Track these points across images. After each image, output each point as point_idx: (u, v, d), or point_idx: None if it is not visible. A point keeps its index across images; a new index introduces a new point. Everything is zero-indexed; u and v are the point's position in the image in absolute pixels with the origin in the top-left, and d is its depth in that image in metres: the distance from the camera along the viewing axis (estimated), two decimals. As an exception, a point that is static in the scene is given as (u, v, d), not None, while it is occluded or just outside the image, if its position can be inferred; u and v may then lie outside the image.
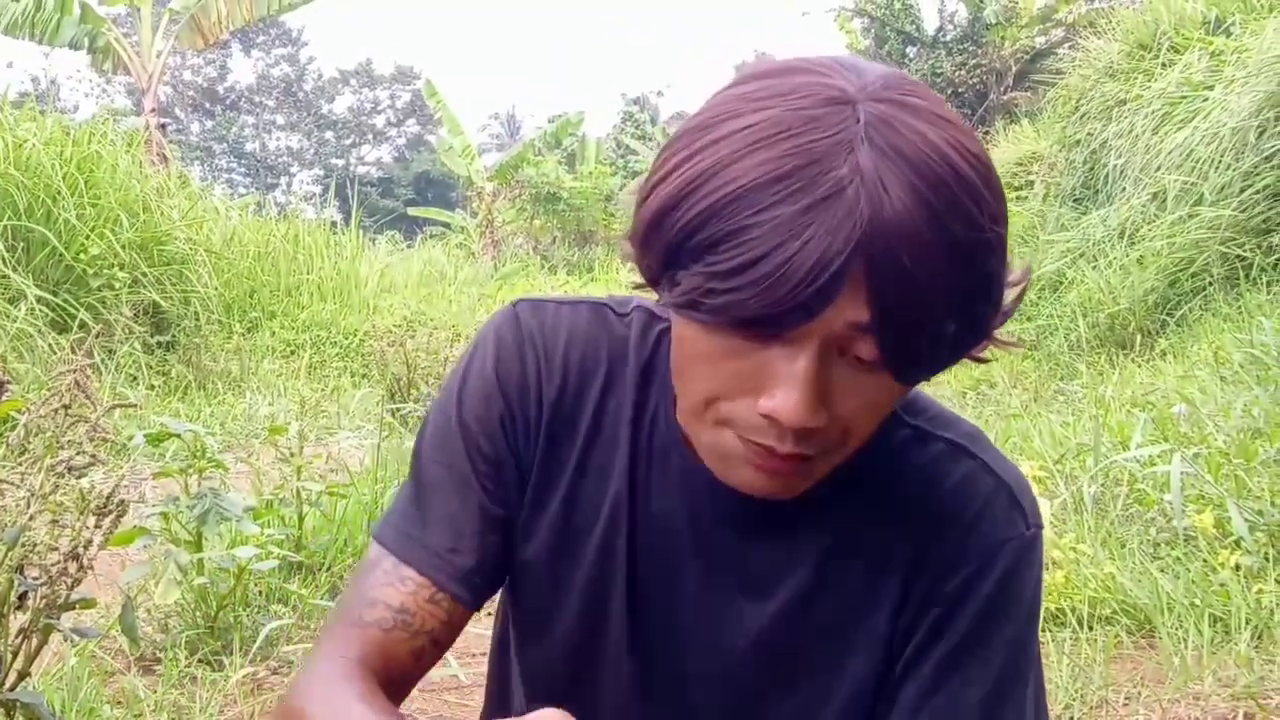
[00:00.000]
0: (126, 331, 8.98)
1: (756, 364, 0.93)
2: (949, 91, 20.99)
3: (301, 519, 4.35)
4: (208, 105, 56.26)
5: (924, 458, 1.12)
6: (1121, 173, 10.98)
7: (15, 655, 2.23)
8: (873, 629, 1.11)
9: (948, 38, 22.04)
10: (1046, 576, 3.84)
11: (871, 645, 1.11)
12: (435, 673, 3.56)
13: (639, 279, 1.02)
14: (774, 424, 0.93)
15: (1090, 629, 3.60)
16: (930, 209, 0.87)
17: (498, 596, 1.24)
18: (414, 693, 3.69)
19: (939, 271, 0.88)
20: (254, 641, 3.50)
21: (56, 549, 2.19)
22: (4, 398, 2.32)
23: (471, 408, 1.13)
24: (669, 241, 0.92)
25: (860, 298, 0.87)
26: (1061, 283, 10.88)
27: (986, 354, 1.03)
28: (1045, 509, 4.05)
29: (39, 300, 8.28)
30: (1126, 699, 3.23)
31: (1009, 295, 0.99)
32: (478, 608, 1.13)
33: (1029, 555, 1.10)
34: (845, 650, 1.11)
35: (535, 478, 1.14)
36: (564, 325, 1.15)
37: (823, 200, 0.86)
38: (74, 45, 15.91)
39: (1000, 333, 1.00)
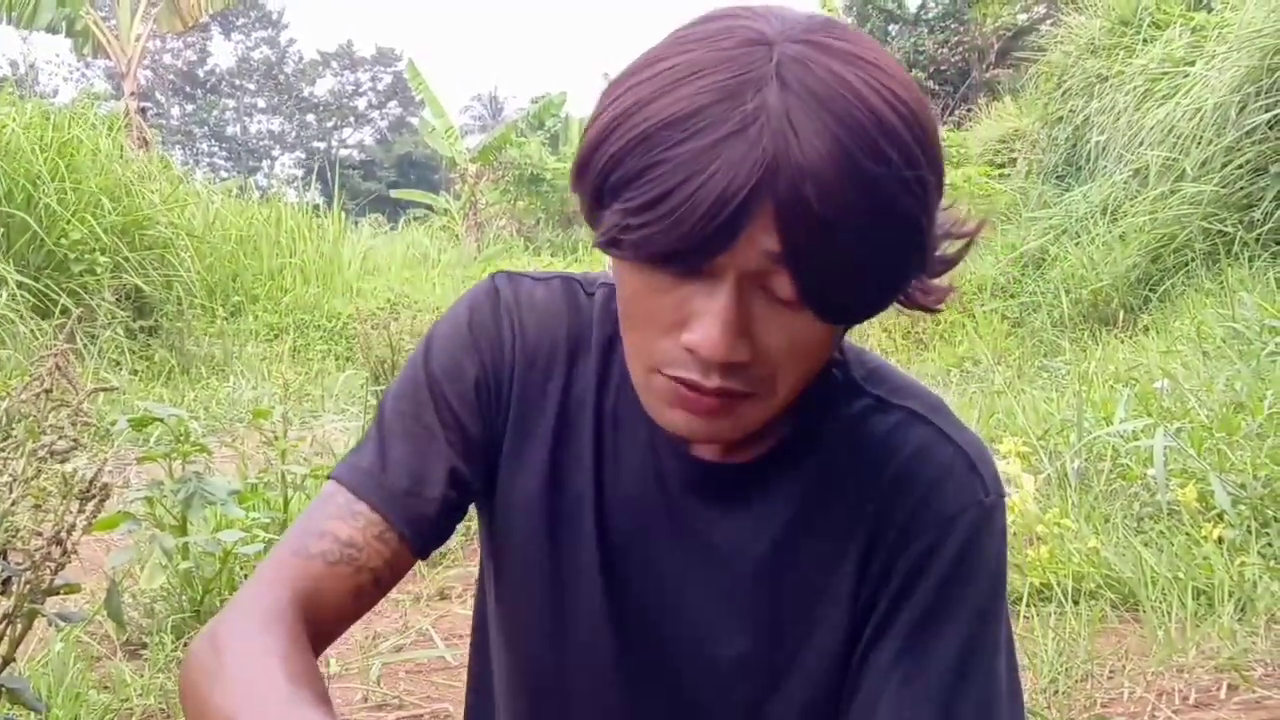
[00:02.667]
0: (109, 316, 8.95)
1: (679, 300, 0.94)
2: (931, 69, 20.98)
3: (286, 502, 4.35)
4: (188, 89, 55.93)
5: (883, 426, 1.11)
6: (1104, 149, 11.00)
7: (0, 640, 2.23)
8: (836, 600, 1.10)
9: (930, 15, 22.02)
10: (1030, 552, 3.86)
11: (836, 616, 1.11)
12: (422, 654, 3.58)
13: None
14: (697, 358, 0.95)
15: (1075, 603, 3.62)
16: (839, 146, 0.87)
17: (477, 576, 1.24)
18: (400, 674, 3.67)
19: (848, 208, 0.88)
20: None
21: (40, 534, 2.18)
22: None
23: (443, 364, 1.14)
24: (593, 181, 0.95)
25: (770, 232, 0.88)
26: (1044, 259, 10.90)
27: (936, 303, 1.03)
28: (1029, 484, 4.07)
29: (20, 286, 8.24)
30: (1111, 672, 3.25)
31: (953, 245, 1.01)
32: (423, 555, 1.12)
33: (989, 523, 1.09)
34: (810, 621, 1.11)
35: (508, 448, 1.15)
36: (539, 299, 1.17)
37: (728, 136, 0.87)
38: (52, 29, 15.80)
39: (942, 281, 1.01)
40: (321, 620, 1.02)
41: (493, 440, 1.15)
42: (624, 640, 1.15)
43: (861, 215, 0.89)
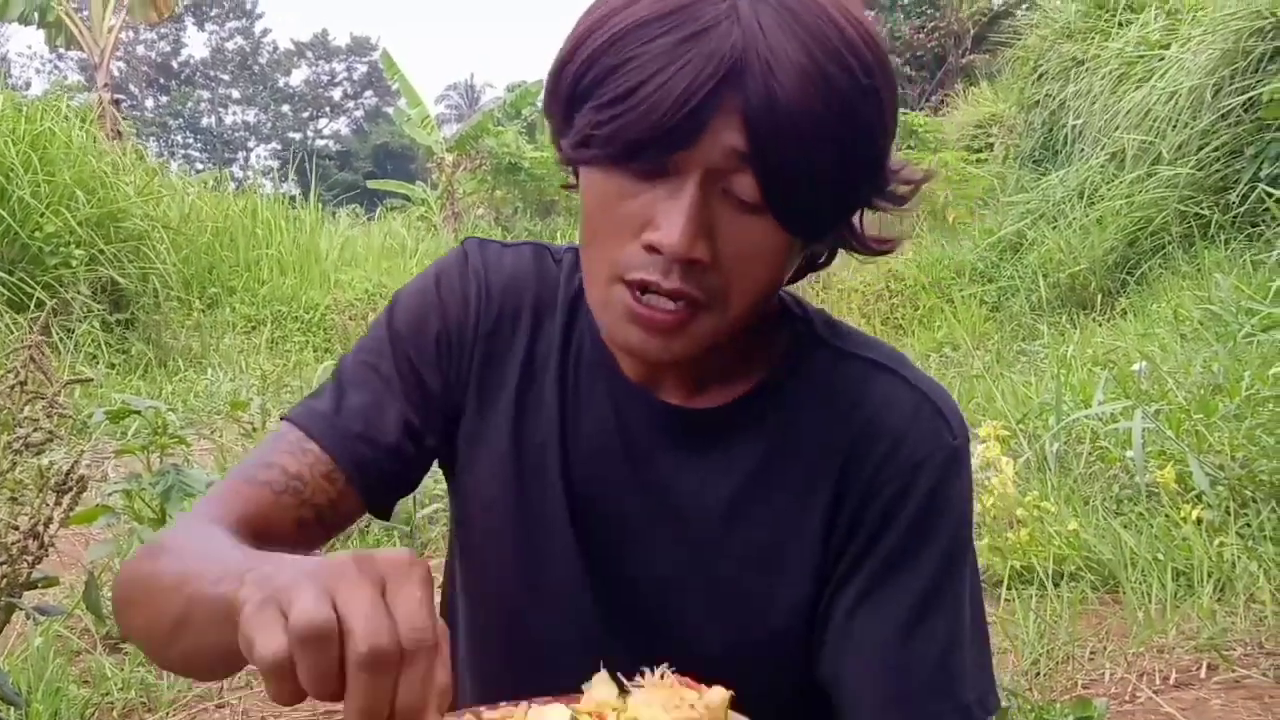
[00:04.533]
0: (85, 309, 8.90)
1: (644, 203, 0.98)
2: (907, 55, 20.99)
3: (266, 494, 4.33)
4: (162, 80, 55.63)
5: (847, 377, 1.14)
6: (1080, 133, 11.02)
7: (-23, 635, 2.21)
8: (804, 549, 1.12)
9: (906, 1, 22.01)
10: (1011, 535, 3.87)
11: (803, 566, 1.12)
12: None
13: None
14: (658, 257, 0.97)
15: (1055, 585, 3.63)
16: (804, 48, 0.93)
17: (446, 539, 1.25)
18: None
19: (812, 108, 0.93)
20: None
21: (16, 527, 2.17)
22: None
23: (407, 320, 1.18)
24: (567, 88, 1.00)
25: (736, 127, 0.93)
26: (1022, 244, 10.92)
27: (886, 248, 1.11)
28: (1009, 468, 4.08)
29: (-6, 280, 8.19)
30: (1092, 653, 3.26)
31: (903, 186, 1.06)
32: (371, 504, 1.13)
33: (955, 466, 1.11)
34: (777, 569, 1.13)
35: (473, 404, 1.18)
36: (507, 263, 1.20)
37: (699, 32, 0.92)
38: (24, 20, 15.68)
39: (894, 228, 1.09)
40: (265, 544, 1.03)
41: (452, 397, 1.18)
42: (597, 587, 1.16)
43: (823, 116, 0.93)
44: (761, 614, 1.13)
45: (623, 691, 0.84)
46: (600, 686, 0.85)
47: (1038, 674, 3.15)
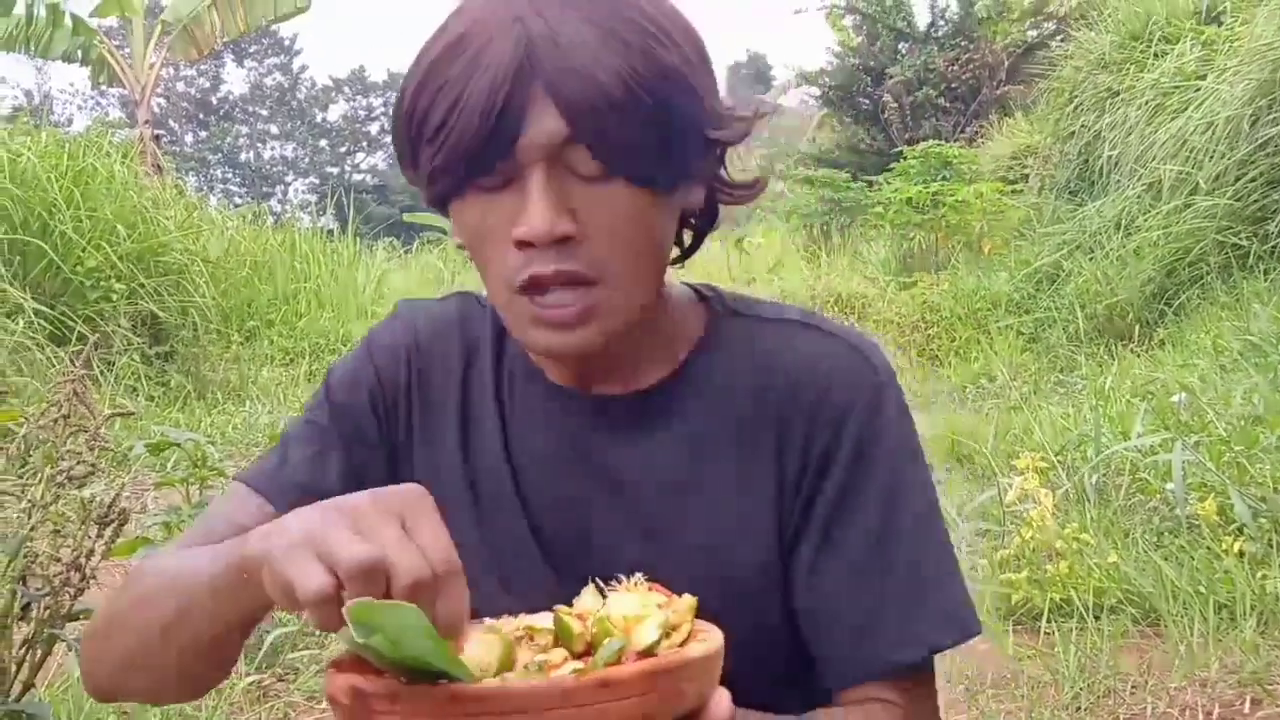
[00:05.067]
0: (125, 343, 8.96)
1: (505, 211, 1.03)
2: (942, 86, 20.94)
3: (304, 526, 4.34)
4: (201, 116, 56.19)
5: (768, 339, 1.18)
6: (1116, 164, 10.95)
7: (20, 666, 2.23)
8: (758, 511, 1.16)
9: (940, 33, 21.96)
10: (1050, 567, 3.85)
11: (760, 527, 1.16)
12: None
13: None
14: (533, 250, 1.02)
15: (1096, 619, 3.60)
16: (586, 19, 0.99)
17: None
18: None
19: (608, 67, 0.98)
20: (259, 649, 3.50)
21: (59, 559, 2.19)
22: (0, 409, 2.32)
23: (342, 380, 1.26)
24: (405, 146, 1.07)
25: (550, 110, 0.99)
26: (1059, 275, 10.86)
27: (749, 194, 1.17)
28: (1048, 500, 4.05)
29: (36, 313, 8.26)
30: (1133, 688, 3.23)
31: (727, 110, 1.10)
32: None
33: (881, 403, 1.15)
34: (736, 533, 1.16)
35: (420, 450, 1.24)
36: (435, 314, 1.28)
37: (488, 41, 0.99)
38: (67, 58, 15.87)
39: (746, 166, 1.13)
40: None
41: (393, 442, 1.24)
42: (568, 591, 1.17)
43: (623, 70, 0.99)
44: (728, 579, 1.15)
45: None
46: (588, 597, 0.93)
47: (1079, 708, 3.12)
